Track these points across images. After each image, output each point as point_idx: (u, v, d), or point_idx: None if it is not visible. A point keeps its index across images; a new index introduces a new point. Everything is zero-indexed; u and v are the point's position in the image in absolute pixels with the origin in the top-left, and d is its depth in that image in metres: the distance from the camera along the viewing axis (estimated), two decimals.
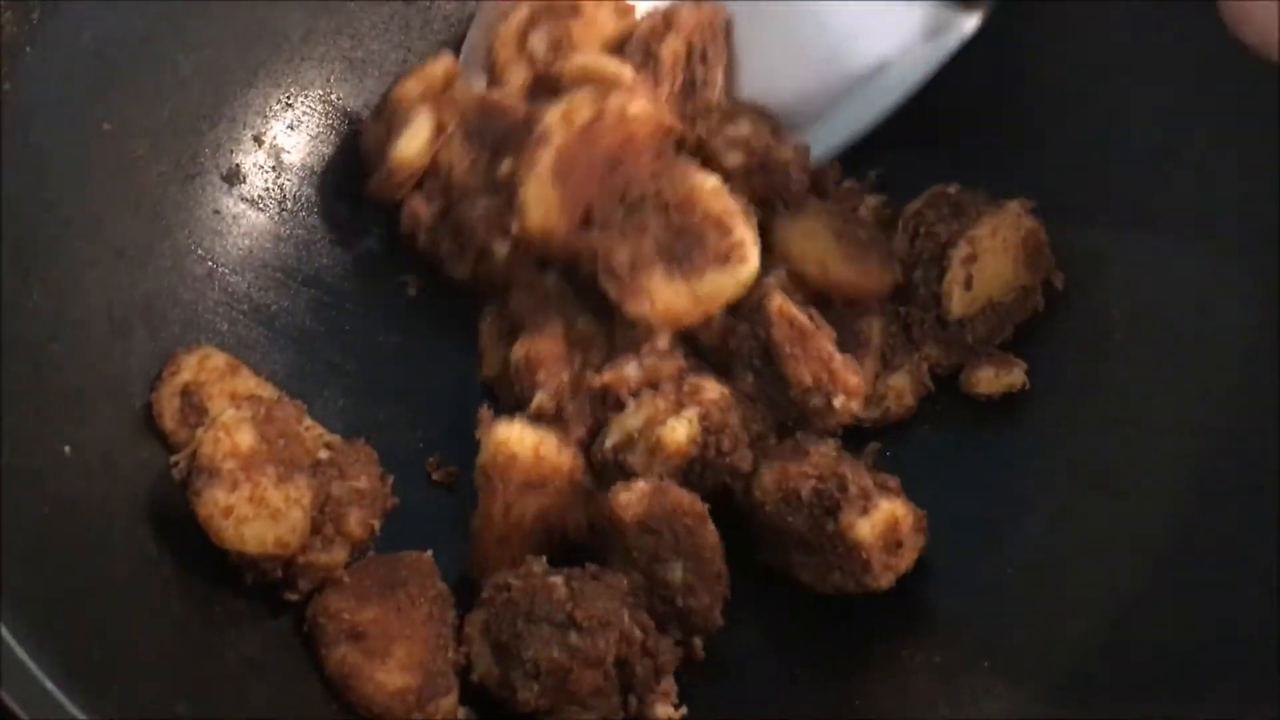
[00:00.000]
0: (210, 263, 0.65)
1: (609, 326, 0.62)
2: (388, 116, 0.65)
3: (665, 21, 0.67)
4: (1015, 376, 0.65)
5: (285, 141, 0.69)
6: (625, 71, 0.64)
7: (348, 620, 0.55)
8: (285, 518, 0.55)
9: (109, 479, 0.56)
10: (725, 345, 0.62)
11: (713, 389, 0.60)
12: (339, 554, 0.56)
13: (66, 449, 0.55)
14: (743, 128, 0.66)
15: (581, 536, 0.59)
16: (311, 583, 0.57)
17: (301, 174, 0.70)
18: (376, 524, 0.57)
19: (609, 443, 0.60)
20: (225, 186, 0.67)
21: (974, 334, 0.66)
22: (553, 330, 0.61)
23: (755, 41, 0.69)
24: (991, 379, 0.66)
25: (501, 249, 0.62)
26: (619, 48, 0.67)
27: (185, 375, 0.59)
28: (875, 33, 0.68)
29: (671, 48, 0.66)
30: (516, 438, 0.58)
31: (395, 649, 0.55)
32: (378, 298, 0.68)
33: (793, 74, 0.69)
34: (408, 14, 0.73)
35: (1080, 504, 0.62)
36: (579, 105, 0.58)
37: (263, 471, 0.55)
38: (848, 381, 0.60)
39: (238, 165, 0.68)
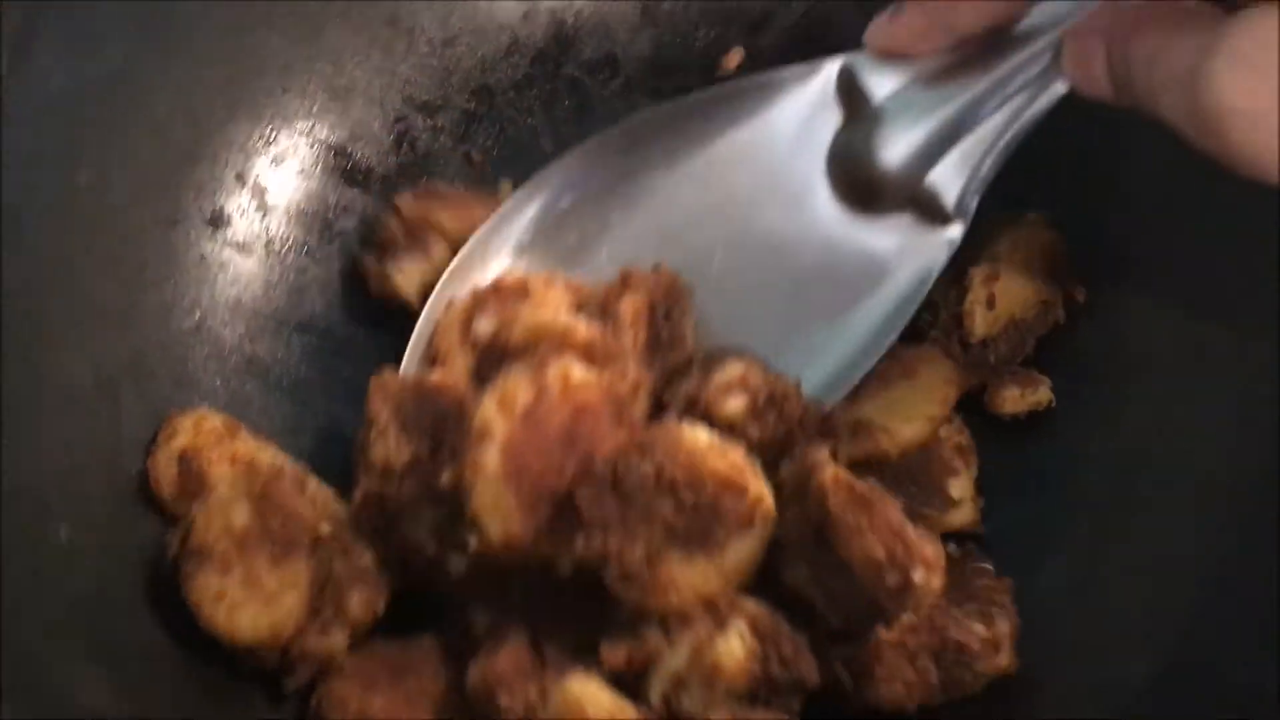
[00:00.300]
0: (198, 314, 0.62)
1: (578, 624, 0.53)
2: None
3: (621, 281, 0.60)
4: (1041, 394, 0.64)
5: (269, 179, 0.66)
6: (579, 326, 0.56)
7: (355, 710, 0.52)
8: (280, 603, 0.52)
9: (108, 561, 0.53)
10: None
11: (749, 604, 0.53)
12: (338, 639, 0.53)
13: (63, 531, 0.52)
14: (733, 369, 0.57)
15: None
16: (310, 670, 0.54)
17: (288, 213, 0.66)
18: (381, 604, 0.54)
19: (656, 696, 0.52)
20: (209, 231, 0.64)
21: (996, 353, 0.64)
22: (516, 642, 0.52)
23: (722, 293, 0.62)
24: (1017, 398, 0.63)
25: (458, 565, 0.53)
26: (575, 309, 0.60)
27: (182, 440, 0.56)
28: (849, 267, 0.61)
29: (631, 304, 0.59)
30: (594, 699, 0.50)
31: None
32: (373, 342, 0.65)
33: (767, 322, 0.62)
34: (390, 38, 0.70)
35: (1117, 523, 0.60)
36: (515, 386, 0.49)
37: (257, 552, 0.52)
38: (924, 553, 0.51)
39: (221, 208, 0.64)
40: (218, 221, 0.64)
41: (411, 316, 0.62)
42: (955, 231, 0.59)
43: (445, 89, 0.71)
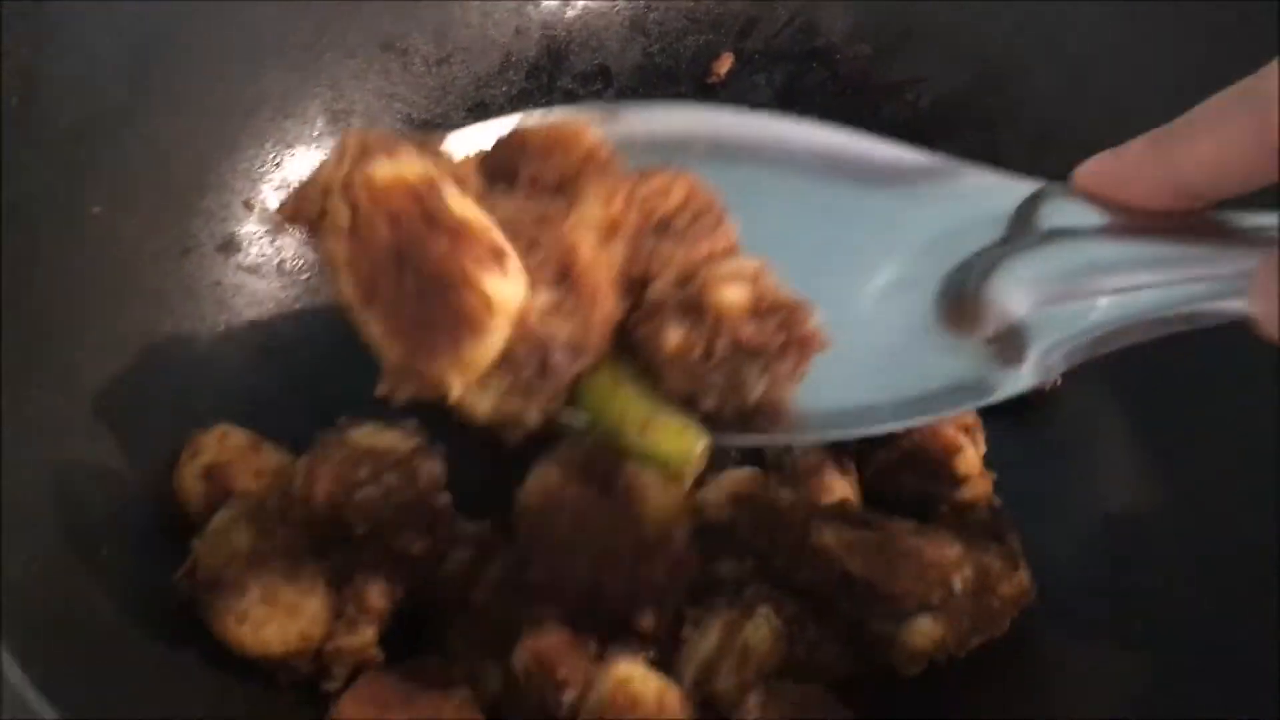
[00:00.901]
0: (217, 337, 0.64)
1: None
2: None
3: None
4: None
5: (277, 204, 0.67)
6: (595, 132, 0.53)
7: None
8: (303, 610, 0.53)
9: (139, 586, 0.54)
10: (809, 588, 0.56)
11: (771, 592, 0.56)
12: (368, 633, 0.54)
13: (104, 551, 0.53)
14: (748, 262, 0.51)
15: None
16: (347, 669, 0.54)
17: (297, 236, 0.67)
18: (400, 591, 0.55)
19: (689, 679, 0.53)
20: (221, 258, 0.65)
21: None
22: (554, 623, 0.53)
23: None
24: None
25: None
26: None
27: (206, 457, 0.57)
28: (906, 368, 0.54)
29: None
30: (641, 679, 0.51)
31: None
32: None
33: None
34: (386, 61, 0.71)
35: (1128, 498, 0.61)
36: (334, 209, 0.46)
37: (268, 568, 0.53)
38: (950, 559, 0.54)
39: (232, 234, 0.66)
40: (229, 248, 0.65)
41: None
42: (1018, 381, 0.52)
43: (443, 106, 0.72)
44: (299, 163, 0.68)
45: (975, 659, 0.57)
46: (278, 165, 0.68)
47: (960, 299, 0.53)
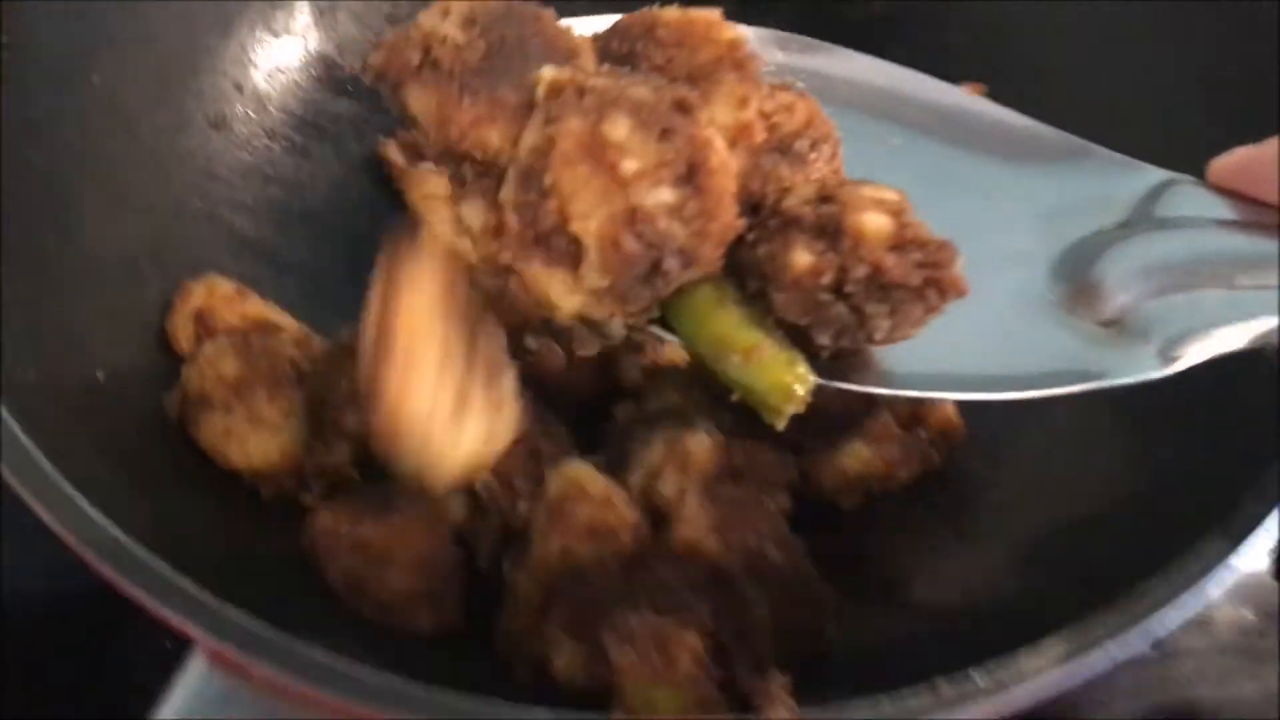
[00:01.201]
0: (209, 205, 0.69)
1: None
2: None
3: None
4: None
5: (265, 88, 0.72)
6: (734, 26, 0.51)
7: (347, 538, 0.56)
8: (284, 428, 0.58)
9: (140, 400, 0.59)
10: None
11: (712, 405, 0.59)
12: (342, 452, 0.59)
13: (100, 374, 0.58)
14: (890, 191, 0.48)
15: None
16: (323, 485, 0.59)
17: (284, 118, 0.73)
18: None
19: (635, 487, 0.57)
20: (214, 134, 0.70)
21: None
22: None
23: None
24: None
25: None
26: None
27: (196, 301, 0.62)
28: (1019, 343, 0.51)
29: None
30: (589, 478, 0.55)
31: (397, 556, 0.56)
32: (375, 230, 0.70)
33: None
34: None
35: None
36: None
37: (253, 392, 0.58)
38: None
39: (223, 113, 0.71)
40: (219, 124, 0.71)
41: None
42: (1140, 368, 0.49)
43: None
44: (285, 51, 0.73)
45: (909, 497, 0.63)
46: (267, 52, 0.73)
47: (1077, 278, 0.52)
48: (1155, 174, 0.53)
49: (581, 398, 0.64)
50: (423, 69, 0.48)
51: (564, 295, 0.46)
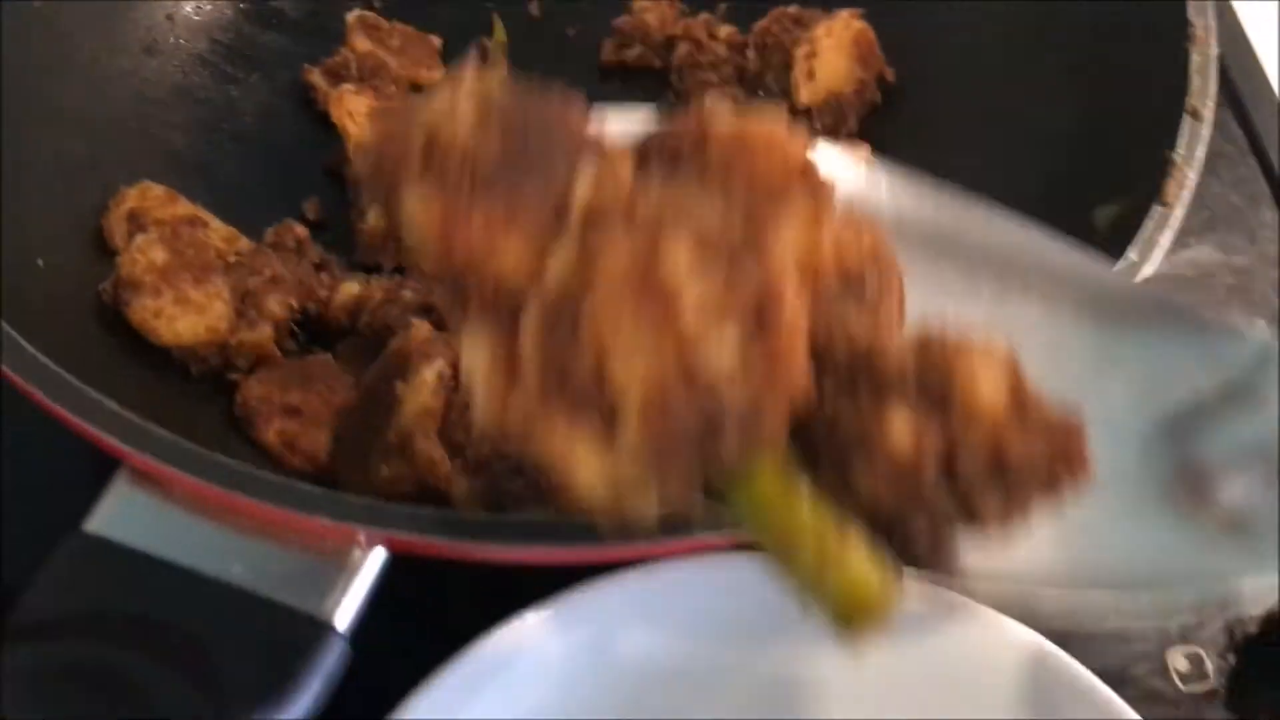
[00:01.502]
0: (142, 123, 0.74)
1: None
2: None
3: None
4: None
5: (196, 18, 0.78)
6: (798, 134, 0.41)
7: (277, 402, 0.62)
8: (210, 309, 0.63)
9: (75, 287, 0.64)
10: None
11: None
12: (265, 331, 0.64)
13: (40, 262, 0.63)
14: (998, 348, 0.40)
15: None
16: (248, 362, 0.64)
17: (213, 47, 0.78)
18: (294, 302, 0.65)
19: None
20: (147, 58, 0.76)
21: (821, 123, 0.76)
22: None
23: None
24: None
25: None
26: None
27: (130, 203, 0.67)
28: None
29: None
30: None
31: (327, 419, 0.62)
32: (305, 155, 0.76)
33: None
34: None
35: None
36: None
37: (180, 278, 0.63)
38: None
39: (154, 40, 0.76)
40: (152, 50, 0.76)
41: (347, 141, 0.73)
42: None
43: None
44: None
45: None
46: None
47: (1180, 458, 0.44)
48: (1258, 338, 0.46)
49: None
50: (426, 169, 0.38)
51: (588, 462, 0.36)
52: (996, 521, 0.38)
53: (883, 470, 0.37)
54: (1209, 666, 0.64)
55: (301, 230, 0.69)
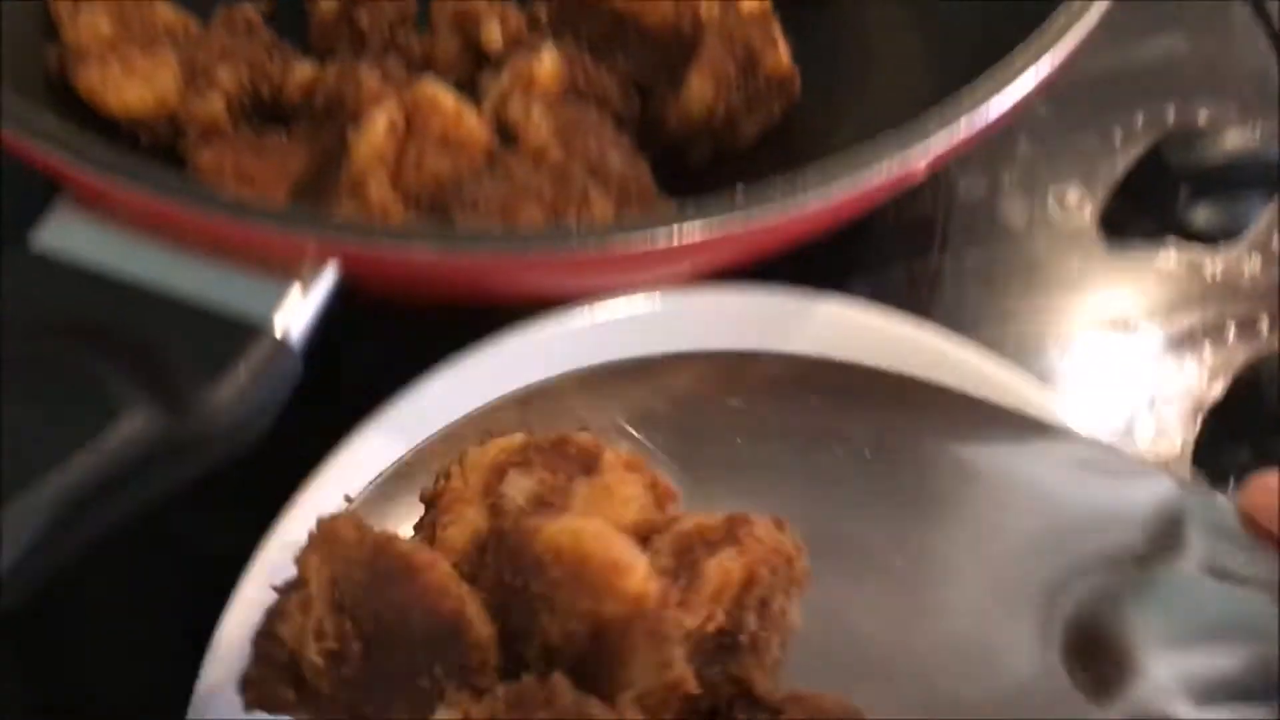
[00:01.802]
0: None
1: None
2: None
3: (727, 530, 0.40)
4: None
5: None
6: (638, 561, 0.37)
7: (231, 168, 0.61)
8: (157, 78, 0.62)
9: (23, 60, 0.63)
10: None
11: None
12: (216, 102, 0.63)
13: None
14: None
15: None
16: (198, 133, 0.63)
17: None
18: (245, 78, 0.64)
19: (487, 111, 0.62)
20: None
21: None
22: None
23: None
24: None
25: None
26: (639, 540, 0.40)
27: None
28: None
29: (724, 567, 0.39)
30: (443, 93, 0.60)
31: (281, 190, 0.61)
32: None
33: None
34: None
35: None
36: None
37: (127, 47, 0.62)
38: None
39: None
40: None
41: None
42: None
43: None
44: None
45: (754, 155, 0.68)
46: None
47: (1091, 634, 0.41)
48: (1166, 485, 0.43)
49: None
50: (301, 698, 0.37)
51: None
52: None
53: None
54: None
55: (253, 13, 0.68)
